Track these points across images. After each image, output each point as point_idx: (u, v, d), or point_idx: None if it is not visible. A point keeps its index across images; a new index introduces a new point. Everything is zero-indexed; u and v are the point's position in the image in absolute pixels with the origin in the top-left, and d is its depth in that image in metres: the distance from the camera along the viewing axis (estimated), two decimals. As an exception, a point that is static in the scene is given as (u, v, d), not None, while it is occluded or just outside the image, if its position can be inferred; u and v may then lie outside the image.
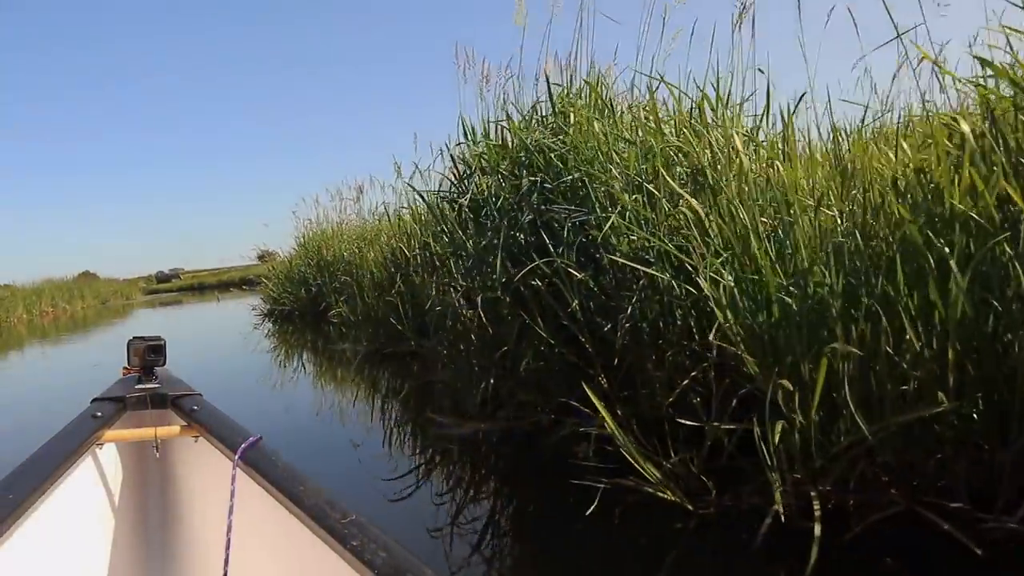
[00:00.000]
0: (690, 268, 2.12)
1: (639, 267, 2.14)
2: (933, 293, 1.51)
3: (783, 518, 1.65)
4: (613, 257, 2.16)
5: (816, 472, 1.68)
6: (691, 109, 2.45)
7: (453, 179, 3.35)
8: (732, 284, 1.85)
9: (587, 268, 2.41)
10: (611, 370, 2.42)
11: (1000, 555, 1.47)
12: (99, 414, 1.38)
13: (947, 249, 1.50)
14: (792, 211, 1.93)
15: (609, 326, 2.36)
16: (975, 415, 1.57)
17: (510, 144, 2.86)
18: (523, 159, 2.75)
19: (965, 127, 1.57)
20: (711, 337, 1.89)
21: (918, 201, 1.68)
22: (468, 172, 3.16)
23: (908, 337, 1.57)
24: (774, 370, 1.72)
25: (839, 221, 1.93)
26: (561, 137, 2.67)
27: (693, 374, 2.15)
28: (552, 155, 2.58)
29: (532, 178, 2.68)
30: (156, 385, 1.54)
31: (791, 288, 1.77)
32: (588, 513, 1.93)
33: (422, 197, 4.06)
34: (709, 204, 2.12)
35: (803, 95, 2.25)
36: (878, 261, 1.72)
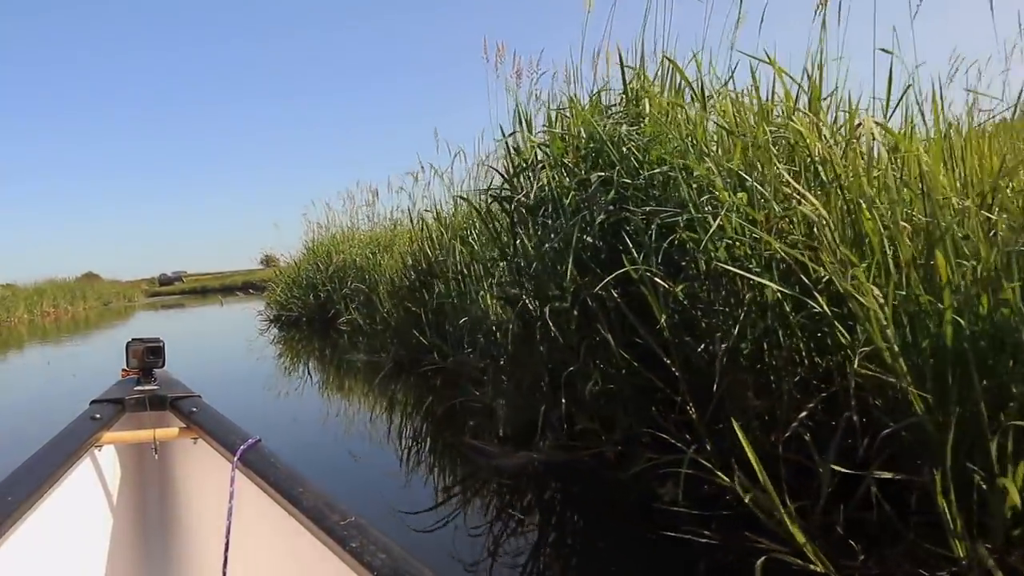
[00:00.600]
0: (805, 279, 1.77)
1: (749, 276, 1.79)
2: None
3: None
4: (725, 266, 1.80)
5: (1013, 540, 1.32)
6: (797, 95, 2.10)
7: (503, 174, 2.97)
8: (882, 298, 1.49)
9: (673, 277, 2.06)
10: (699, 397, 2.07)
11: None
12: (98, 416, 1.37)
13: None
14: (948, 211, 1.58)
15: (702, 345, 2.00)
16: None
17: (572, 135, 2.50)
18: (591, 151, 2.40)
19: None
20: (854, 365, 1.53)
21: None
22: (522, 167, 2.80)
23: None
24: (953, 407, 1.36)
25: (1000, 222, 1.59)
26: (638, 127, 2.32)
27: (811, 406, 1.79)
28: (630, 146, 2.23)
29: (601, 173, 2.33)
30: (155, 387, 1.53)
31: (966, 306, 1.41)
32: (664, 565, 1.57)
33: (464, 199, 3.70)
34: (834, 203, 1.77)
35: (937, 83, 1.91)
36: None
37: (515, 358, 2.80)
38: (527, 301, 2.62)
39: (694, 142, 2.08)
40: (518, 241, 2.71)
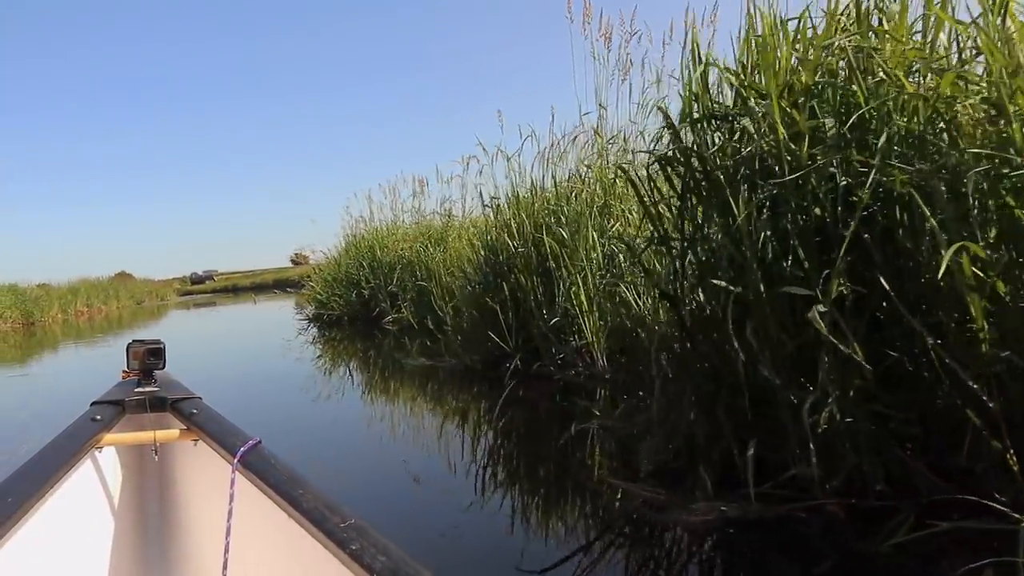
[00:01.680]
0: None
1: None
2: None
3: None
4: None
5: None
6: None
7: (672, 129, 2.20)
8: None
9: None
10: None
11: None
12: (98, 417, 1.36)
13: None
14: None
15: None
16: None
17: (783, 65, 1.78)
18: (822, 90, 1.69)
19: None
20: None
21: None
22: (707, 115, 2.04)
23: None
24: None
25: None
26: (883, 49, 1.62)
27: None
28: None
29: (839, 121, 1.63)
30: (155, 388, 1.52)
31: None
32: None
33: (623, 170, 3.01)
34: None
35: None
36: None
37: (677, 372, 2.11)
38: (704, 297, 1.94)
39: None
40: (698, 217, 1.99)
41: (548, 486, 2.52)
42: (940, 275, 1.30)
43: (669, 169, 2.11)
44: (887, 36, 1.69)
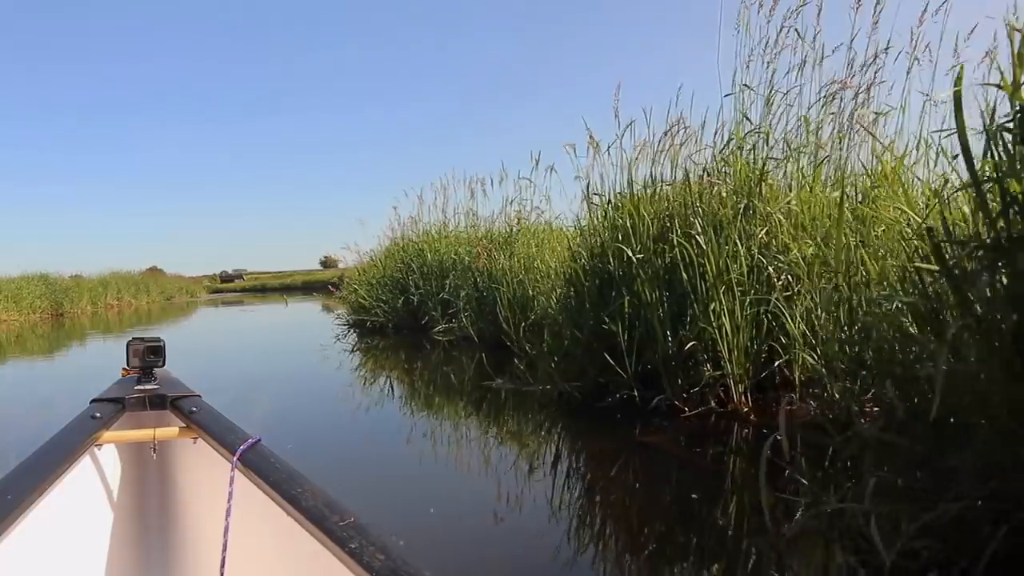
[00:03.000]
0: None
1: None
2: None
3: None
4: None
5: None
6: None
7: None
8: None
9: None
10: None
11: None
12: (98, 415, 1.36)
13: None
14: None
15: None
16: None
17: None
18: None
19: None
20: None
21: None
22: None
23: None
24: None
25: None
26: None
27: None
28: None
29: None
30: (155, 386, 1.53)
31: None
32: None
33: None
34: None
35: None
36: None
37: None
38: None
39: None
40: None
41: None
42: None
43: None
44: None
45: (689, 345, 3.16)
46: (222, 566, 1.10)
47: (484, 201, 12.37)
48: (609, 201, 3.79)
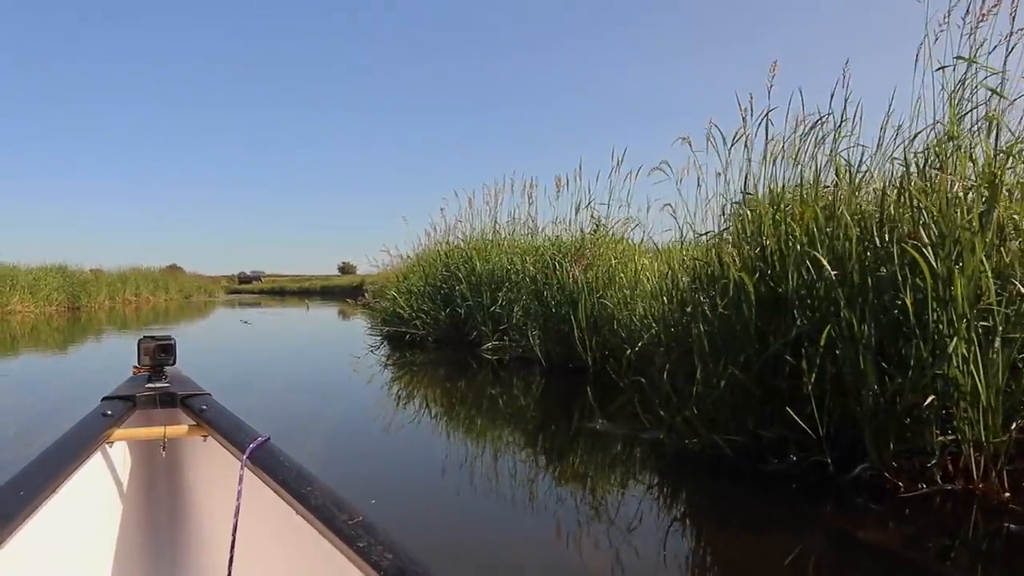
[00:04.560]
0: None
1: None
2: None
3: None
4: None
5: None
6: None
7: None
8: None
9: None
10: None
11: None
12: (109, 412, 1.35)
13: None
14: None
15: None
16: None
17: None
18: None
19: None
20: None
21: None
22: None
23: None
24: None
25: None
26: None
27: None
28: None
29: None
30: (166, 384, 1.52)
31: None
32: None
33: None
34: None
35: None
36: None
37: None
38: None
39: None
40: None
41: None
42: None
43: None
44: None
45: (917, 398, 2.26)
46: (230, 563, 1.10)
47: (548, 207, 11.52)
48: (780, 198, 2.90)
